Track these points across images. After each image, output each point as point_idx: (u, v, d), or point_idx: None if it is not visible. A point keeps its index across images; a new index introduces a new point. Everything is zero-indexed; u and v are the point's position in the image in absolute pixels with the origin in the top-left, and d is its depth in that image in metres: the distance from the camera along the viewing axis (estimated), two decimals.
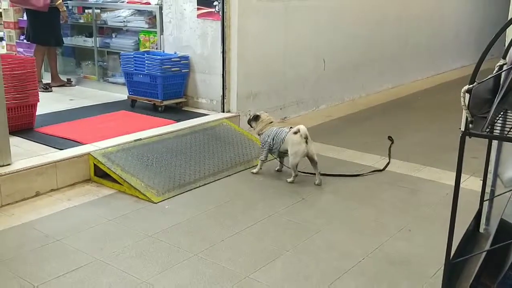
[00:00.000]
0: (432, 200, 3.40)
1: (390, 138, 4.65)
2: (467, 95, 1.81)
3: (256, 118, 3.84)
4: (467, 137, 1.88)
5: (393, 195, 3.48)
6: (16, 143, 3.71)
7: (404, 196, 3.48)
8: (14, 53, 6.37)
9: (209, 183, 3.62)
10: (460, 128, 1.88)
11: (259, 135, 3.83)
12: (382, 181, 3.73)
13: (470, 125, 1.85)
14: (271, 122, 3.81)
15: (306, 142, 3.51)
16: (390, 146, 4.45)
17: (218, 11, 4.59)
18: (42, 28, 5.71)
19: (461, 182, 1.99)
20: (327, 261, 2.61)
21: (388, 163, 4.07)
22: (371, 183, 3.69)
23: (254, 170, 3.78)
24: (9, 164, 3.27)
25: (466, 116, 1.84)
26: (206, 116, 4.67)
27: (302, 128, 3.52)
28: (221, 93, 4.78)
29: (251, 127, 3.94)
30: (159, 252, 2.68)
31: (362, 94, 6.42)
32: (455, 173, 1.98)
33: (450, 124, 4.99)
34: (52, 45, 5.86)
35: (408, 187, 3.63)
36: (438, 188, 3.58)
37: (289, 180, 3.59)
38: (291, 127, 3.63)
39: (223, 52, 4.67)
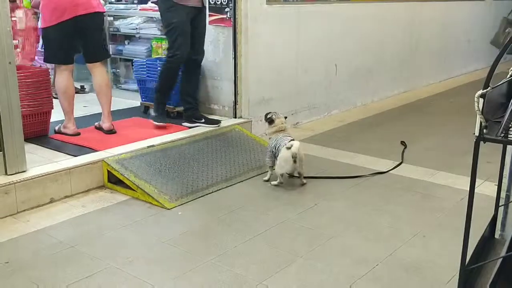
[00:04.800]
0: (447, 205, 3.38)
1: (403, 143, 4.63)
2: (481, 100, 1.80)
3: (270, 122, 3.81)
4: (481, 142, 1.87)
5: (407, 201, 3.46)
6: (31, 150, 3.74)
7: (418, 201, 3.46)
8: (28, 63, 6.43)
9: (221, 189, 3.63)
10: (474, 133, 1.87)
11: (269, 138, 3.83)
12: (395, 186, 3.71)
13: (485, 130, 1.84)
14: (282, 130, 3.77)
15: (295, 161, 3.51)
16: (403, 151, 4.43)
17: (230, 18, 4.61)
18: None
19: (475, 187, 1.98)
20: (340, 268, 2.60)
21: (395, 166, 4.05)
22: (384, 188, 3.67)
23: (266, 178, 3.78)
24: (24, 171, 3.31)
25: (480, 121, 1.82)
26: (219, 122, 4.68)
27: (294, 146, 3.50)
28: (233, 99, 4.79)
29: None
30: (173, 258, 2.69)
31: (375, 99, 6.40)
32: (469, 178, 1.97)
33: (463, 128, 4.97)
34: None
35: (422, 192, 3.60)
36: (453, 193, 3.56)
37: (273, 183, 3.66)
38: (292, 139, 3.61)
39: (235, 58, 4.69)
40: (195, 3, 4.21)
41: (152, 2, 4.33)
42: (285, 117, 3.89)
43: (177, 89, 4.58)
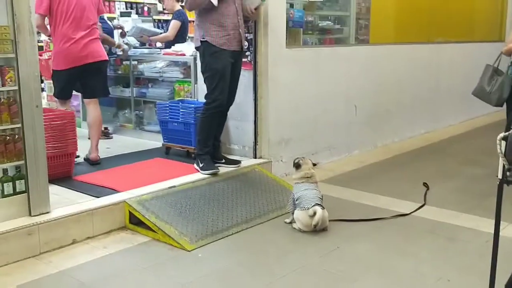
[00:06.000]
0: (471, 248, 3.31)
1: (425, 184, 4.58)
2: (503, 143, 1.79)
3: (297, 167, 3.78)
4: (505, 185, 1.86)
5: (430, 243, 3.40)
6: (55, 191, 3.79)
7: (442, 244, 3.39)
8: (55, 104, 6.59)
9: (242, 230, 3.61)
10: (497, 176, 1.85)
11: (295, 183, 3.79)
12: (418, 228, 3.65)
13: (508, 173, 1.82)
14: (309, 177, 3.72)
15: (315, 227, 3.50)
16: (426, 193, 4.38)
17: (250, 61, 4.70)
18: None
19: (500, 230, 1.95)
20: None
21: (418, 208, 4.00)
22: (408, 230, 3.62)
23: (287, 220, 3.74)
24: (48, 212, 3.35)
25: (503, 164, 1.81)
26: (239, 162, 4.70)
27: (317, 217, 3.46)
28: (253, 140, 4.83)
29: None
30: None
31: (395, 140, 6.38)
32: (493, 221, 1.94)
33: (486, 169, 4.91)
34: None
35: (446, 235, 3.54)
36: (477, 236, 3.48)
37: (294, 225, 3.63)
38: (318, 204, 3.53)
39: (255, 99, 4.75)
40: (236, 47, 4.25)
41: (195, 48, 4.41)
42: (314, 164, 3.85)
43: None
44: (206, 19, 4.16)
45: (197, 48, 4.39)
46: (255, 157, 4.83)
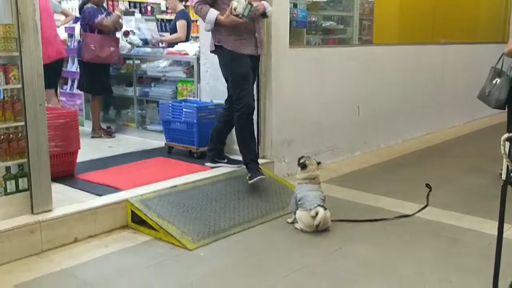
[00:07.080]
0: (474, 250, 3.29)
1: (428, 185, 4.57)
2: (507, 144, 1.78)
3: (303, 167, 3.75)
4: (508, 186, 1.85)
5: (432, 245, 3.39)
6: (57, 189, 3.79)
7: (445, 245, 3.38)
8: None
9: (243, 230, 3.61)
10: (501, 177, 1.85)
11: (297, 183, 3.78)
12: (421, 230, 3.64)
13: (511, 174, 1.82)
14: (313, 178, 3.71)
15: (317, 227, 3.49)
16: (428, 194, 4.37)
17: None
18: (98, 79, 5.93)
19: (504, 231, 1.94)
20: None
21: (420, 209, 3.99)
22: (409, 232, 3.61)
23: (290, 220, 3.74)
24: (50, 211, 3.35)
25: (507, 165, 1.81)
26: (241, 163, 4.70)
27: (319, 217, 3.46)
28: (256, 140, 4.81)
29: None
30: None
31: (398, 141, 6.37)
32: (497, 222, 1.93)
33: (490, 171, 4.90)
34: (106, 95, 6.10)
35: (449, 236, 3.53)
36: (480, 237, 3.47)
37: (296, 225, 3.62)
38: (321, 205, 3.53)
39: (258, 99, 4.74)
40: (252, 52, 4.14)
41: (211, 52, 4.28)
42: (319, 163, 3.83)
43: (199, 132, 4.62)
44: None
45: (212, 52, 4.30)
46: (258, 157, 4.81)
